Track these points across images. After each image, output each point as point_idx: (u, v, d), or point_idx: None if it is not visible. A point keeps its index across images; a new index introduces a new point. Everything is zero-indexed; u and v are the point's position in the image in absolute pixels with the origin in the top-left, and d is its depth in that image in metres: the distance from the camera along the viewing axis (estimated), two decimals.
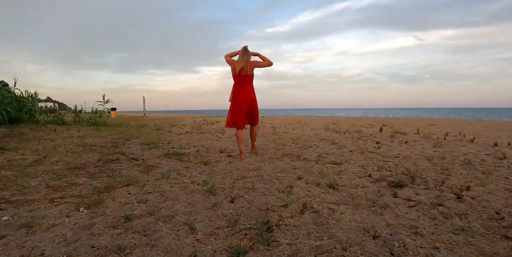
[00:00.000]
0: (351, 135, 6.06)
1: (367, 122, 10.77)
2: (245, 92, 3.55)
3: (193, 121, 13.06)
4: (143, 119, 15.71)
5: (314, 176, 2.56)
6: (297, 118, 14.91)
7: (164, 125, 10.20)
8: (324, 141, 5.12)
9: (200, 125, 9.76)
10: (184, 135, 6.45)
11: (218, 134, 6.76)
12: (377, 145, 4.37)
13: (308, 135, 6.12)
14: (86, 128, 7.28)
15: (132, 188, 2.33)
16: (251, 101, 3.59)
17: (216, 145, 4.78)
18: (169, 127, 8.98)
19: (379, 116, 20.62)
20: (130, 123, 11.13)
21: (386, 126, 8.45)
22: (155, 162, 3.40)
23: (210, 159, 3.55)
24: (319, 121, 11.67)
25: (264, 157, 3.63)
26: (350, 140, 5.19)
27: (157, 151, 4.14)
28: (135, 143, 4.92)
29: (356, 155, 3.61)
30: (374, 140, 5.18)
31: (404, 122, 10.81)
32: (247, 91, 3.56)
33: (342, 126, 8.62)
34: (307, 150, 4.00)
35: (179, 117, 18.92)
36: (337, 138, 5.60)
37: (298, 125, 9.24)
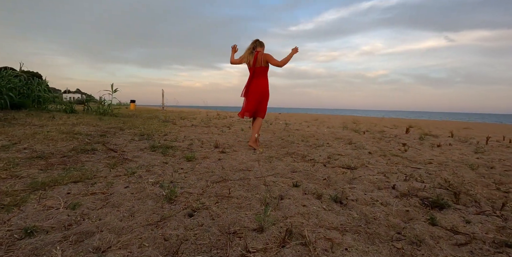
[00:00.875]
0: (372, 135, 5.31)
1: (391, 123, 9.83)
2: (257, 83, 3.48)
3: (206, 115, 12.64)
4: (158, 112, 15.53)
5: (317, 184, 1.92)
6: (314, 116, 14.08)
7: (174, 118, 9.82)
8: (339, 140, 4.42)
9: (210, 119, 9.28)
10: (187, 128, 5.95)
11: (224, 128, 6.21)
12: (403, 147, 3.63)
13: (322, 133, 5.43)
14: (89, 117, 6.98)
15: (78, 186, 1.81)
16: (262, 93, 3.49)
17: (215, 139, 4.23)
18: (177, 120, 8.57)
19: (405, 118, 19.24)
20: (142, 115, 10.87)
21: (413, 128, 7.55)
22: (134, 154, 2.90)
23: (199, 154, 3.00)
24: (338, 120, 10.84)
25: (262, 155, 3.02)
26: (371, 140, 4.46)
27: (145, 143, 3.65)
28: (128, 133, 4.46)
29: (377, 158, 2.91)
30: (399, 141, 4.42)
31: (433, 124, 9.75)
32: (259, 83, 3.48)
33: (363, 126, 7.80)
34: (317, 150, 3.34)
35: (195, 112, 18.64)
36: (355, 137, 4.87)
37: (314, 123, 8.52)
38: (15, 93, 6.59)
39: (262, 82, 3.49)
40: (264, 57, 3.41)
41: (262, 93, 3.50)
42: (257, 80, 3.49)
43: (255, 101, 3.50)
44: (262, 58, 3.40)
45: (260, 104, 3.55)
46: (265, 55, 3.41)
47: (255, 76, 3.49)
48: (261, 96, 3.50)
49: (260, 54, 3.43)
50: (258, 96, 3.49)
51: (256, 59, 3.41)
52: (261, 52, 3.45)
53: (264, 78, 3.51)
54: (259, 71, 3.46)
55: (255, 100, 3.50)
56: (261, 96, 3.50)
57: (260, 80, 3.49)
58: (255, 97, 3.49)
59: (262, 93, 3.50)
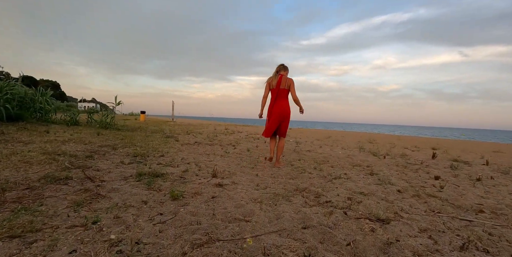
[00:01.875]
0: (394, 160, 4.69)
1: (410, 143, 9.12)
2: (280, 104, 3.61)
3: (214, 129, 12.21)
4: (166, 125, 15.25)
5: (339, 254, 1.36)
6: (326, 133, 13.42)
7: (180, 132, 9.43)
8: (357, 167, 3.83)
9: (216, 135, 8.83)
10: (189, 146, 5.49)
11: (229, 147, 5.71)
12: (438, 182, 3.02)
13: (337, 157, 4.85)
14: (88, 131, 6.62)
15: (10, 245, 1.33)
16: (284, 115, 3.61)
17: (215, 164, 3.72)
18: (182, 135, 8.15)
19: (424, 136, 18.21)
20: (147, 128, 10.54)
21: (436, 150, 6.85)
22: (112, 186, 2.42)
23: (190, 187, 2.49)
24: (352, 138, 10.19)
25: (267, 190, 2.48)
26: (394, 169, 3.85)
27: (134, 168, 3.19)
28: (120, 154, 4.02)
29: (410, 200, 2.32)
30: (428, 170, 3.80)
31: (457, 146, 8.98)
32: (282, 104, 3.61)
33: (381, 147, 7.16)
34: (333, 184, 2.78)
35: (204, 124, 18.31)
36: (375, 163, 4.27)
37: (327, 142, 7.92)
38: (13, 105, 6.31)
39: (284, 103, 3.62)
40: (288, 82, 3.57)
41: (285, 113, 3.62)
42: (280, 101, 3.61)
43: (278, 121, 3.62)
44: (286, 82, 3.56)
45: (282, 125, 3.67)
46: (289, 80, 3.58)
47: (278, 97, 3.62)
48: (284, 116, 3.62)
49: (284, 77, 3.58)
50: (281, 117, 3.61)
51: (280, 82, 3.56)
52: (285, 76, 3.60)
53: (286, 100, 3.64)
54: (282, 93, 3.60)
55: (278, 121, 3.62)
56: (283, 117, 3.62)
57: (283, 101, 3.62)
58: (278, 118, 3.61)
59: (285, 114, 3.62)
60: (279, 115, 3.60)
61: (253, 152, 5.02)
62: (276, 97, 3.63)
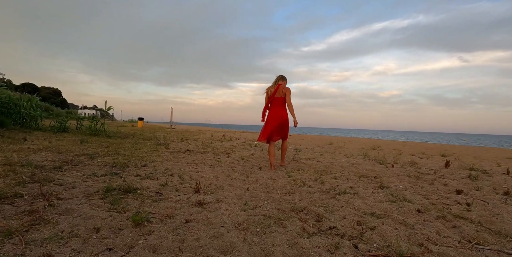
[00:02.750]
0: (403, 170, 4.22)
1: (417, 150, 8.62)
2: (275, 112, 3.79)
3: (211, 136, 11.77)
4: (162, 131, 14.83)
5: None
6: (328, 139, 12.90)
7: (174, 139, 8.99)
8: (364, 179, 3.36)
9: (212, 142, 8.37)
10: (178, 154, 5.04)
11: (222, 155, 5.26)
12: (461, 198, 2.56)
13: (341, 166, 4.38)
14: (73, 138, 6.19)
15: None
16: (282, 121, 3.79)
17: (202, 176, 3.27)
18: (175, 142, 7.71)
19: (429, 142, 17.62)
20: (141, 135, 10.11)
21: (447, 157, 6.37)
22: (68, 206, 1.97)
23: (164, 206, 2.04)
24: (355, 145, 9.70)
25: (257, 210, 2.02)
26: (406, 180, 3.39)
27: (106, 181, 2.75)
28: (96, 164, 3.57)
29: (435, 224, 1.84)
30: (445, 182, 3.32)
31: (467, 152, 8.48)
32: (277, 111, 3.79)
33: (387, 154, 6.68)
34: (338, 201, 2.31)
35: (202, 131, 17.87)
36: (383, 173, 3.81)
37: (329, 149, 7.45)
38: None
39: (280, 111, 3.79)
40: (284, 90, 3.78)
41: (281, 120, 3.79)
42: (276, 108, 3.81)
43: (273, 128, 3.77)
44: (283, 90, 3.78)
45: (282, 130, 3.87)
46: (285, 88, 3.79)
47: (274, 105, 3.83)
48: (281, 123, 3.79)
49: (281, 86, 3.80)
50: (277, 124, 3.77)
51: (276, 90, 3.78)
52: (282, 85, 3.81)
53: (282, 107, 3.81)
54: (277, 100, 3.80)
55: (274, 127, 3.77)
56: (280, 123, 3.79)
57: (278, 109, 3.79)
58: (274, 124, 3.78)
59: (281, 121, 3.79)
60: (275, 121, 3.77)
61: (248, 161, 4.56)
62: (273, 105, 3.84)
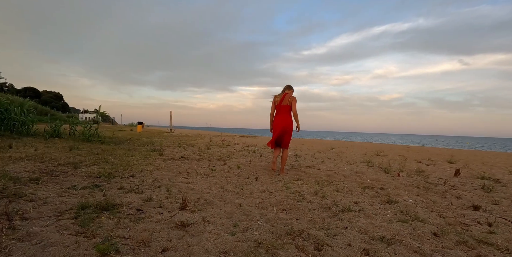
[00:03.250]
0: (410, 179, 3.93)
1: (422, 155, 8.32)
2: (282, 119, 3.95)
3: (209, 141, 11.51)
4: (160, 136, 14.59)
5: None
6: (329, 144, 12.60)
7: (171, 144, 8.73)
8: (369, 191, 3.08)
9: (209, 147, 8.11)
10: (171, 162, 4.77)
11: (218, 163, 4.99)
12: (480, 215, 2.28)
13: (343, 175, 4.10)
14: (63, 144, 5.93)
15: None
16: (286, 128, 3.93)
17: (192, 188, 3.00)
18: (172, 148, 7.45)
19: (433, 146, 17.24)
20: (138, 140, 9.87)
21: (454, 164, 6.08)
22: (30, 229, 1.72)
23: (140, 230, 1.77)
24: (358, 150, 9.41)
25: (248, 234, 1.75)
26: (415, 192, 3.10)
27: (84, 195, 2.48)
28: (79, 174, 3.31)
29: (456, 252, 1.56)
30: (458, 194, 3.04)
31: (474, 157, 8.16)
32: (283, 118, 3.95)
33: (391, 160, 6.39)
34: (341, 221, 2.03)
35: (201, 135, 17.62)
36: (389, 184, 3.53)
37: (330, 155, 7.17)
38: None
39: (286, 118, 3.94)
40: (290, 99, 3.95)
41: (287, 126, 3.93)
42: (282, 116, 3.97)
43: (280, 134, 3.94)
44: (289, 99, 3.95)
45: (284, 137, 3.98)
46: (291, 97, 3.96)
47: (281, 112, 3.98)
48: (286, 130, 3.93)
49: (287, 95, 3.97)
50: (283, 130, 3.93)
51: (283, 98, 3.96)
52: (288, 94, 3.99)
53: (288, 114, 3.97)
54: (284, 108, 3.96)
55: (280, 133, 3.94)
56: (285, 129, 3.93)
57: (285, 116, 3.95)
58: (277, 131, 3.94)
59: (287, 127, 3.93)
60: (281, 127, 3.91)
61: (244, 170, 4.28)
62: (279, 112, 4.00)
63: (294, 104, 3.91)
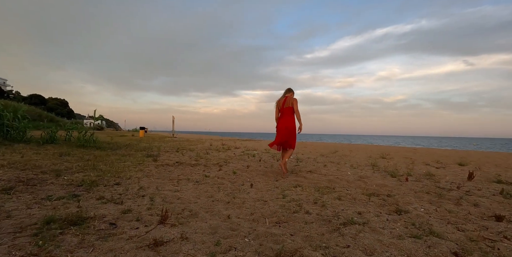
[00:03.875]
0: (420, 184, 3.62)
1: (430, 157, 7.96)
2: (284, 121, 4.06)
3: (209, 145, 11.25)
4: (161, 141, 14.39)
5: None
6: (333, 147, 12.24)
7: (169, 149, 8.49)
8: (375, 199, 2.78)
9: (208, 152, 7.85)
10: (164, 168, 4.51)
11: (214, 168, 4.71)
12: (505, 227, 1.97)
13: (346, 180, 3.80)
14: (55, 150, 5.71)
15: None
16: (289, 129, 4.01)
17: (179, 197, 2.73)
18: (169, 153, 7.21)
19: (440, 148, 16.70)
20: (137, 145, 9.65)
21: (467, 166, 5.73)
22: None
23: (105, 250, 1.50)
24: (362, 153, 9.07)
25: (230, 256, 1.47)
26: (426, 199, 2.80)
27: (57, 207, 2.23)
28: (60, 183, 3.06)
29: None
30: (475, 201, 2.73)
31: (486, 159, 7.77)
32: (285, 121, 4.05)
33: (398, 163, 6.06)
34: (342, 238, 1.73)
35: (202, 139, 17.39)
36: (397, 190, 3.22)
37: (333, 159, 6.85)
38: None
39: (288, 120, 4.04)
40: (291, 100, 4.03)
41: (289, 128, 4.02)
42: (285, 118, 4.06)
43: (283, 136, 4.05)
44: (290, 101, 4.04)
45: (288, 139, 4.06)
46: (293, 99, 4.05)
47: (284, 115, 4.08)
48: (288, 132, 4.02)
49: (288, 98, 4.08)
50: (286, 132, 4.03)
51: (285, 101, 4.07)
52: (289, 97, 4.10)
53: (290, 116, 4.06)
54: (286, 111, 4.06)
55: (283, 135, 4.05)
56: (288, 132, 4.02)
57: (287, 118, 4.05)
58: (282, 133, 4.05)
59: (289, 128, 4.02)
60: (284, 129, 4.02)
61: (240, 176, 4.00)
62: (282, 115, 4.11)
63: (295, 105, 4.01)
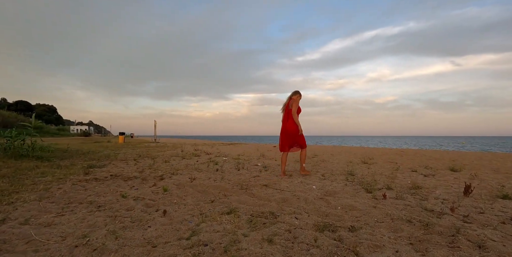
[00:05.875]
0: (402, 204, 2.69)
1: (418, 161, 7.07)
2: (285, 124, 4.21)
3: (181, 151, 10.22)
4: (136, 147, 13.32)
5: None
6: (314, 151, 11.28)
7: (129, 157, 7.49)
8: (327, 238, 1.84)
9: (169, 160, 6.84)
10: (88, 183, 3.53)
11: (149, 182, 3.73)
12: None
13: (305, 200, 2.85)
14: None
15: None
16: (288, 131, 4.15)
17: (30, 240, 1.75)
18: (122, 162, 6.21)
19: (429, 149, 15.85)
20: (95, 153, 8.60)
21: (460, 173, 4.86)
22: None
23: None
24: (344, 157, 8.15)
25: None
26: (405, 234, 1.87)
27: None
28: None
29: None
30: (477, 237, 1.81)
31: (480, 162, 6.90)
32: (286, 124, 4.19)
33: (380, 170, 5.15)
34: None
35: (179, 145, 16.30)
36: (367, 217, 2.29)
37: (307, 165, 5.92)
38: None
39: (289, 123, 4.15)
40: (291, 101, 4.15)
41: (289, 131, 4.16)
42: (287, 121, 4.19)
43: (287, 139, 4.21)
44: (291, 102, 4.16)
45: (293, 140, 4.21)
46: (292, 100, 4.15)
47: (286, 117, 4.22)
48: (287, 134, 4.17)
49: (292, 100, 4.16)
50: (284, 135, 4.22)
51: (288, 103, 4.21)
52: (294, 99, 4.16)
53: (292, 119, 4.13)
54: (287, 113, 4.19)
55: (287, 139, 4.21)
56: (287, 134, 4.18)
57: (289, 121, 4.17)
58: (282, 135, 4.25)
59: (289, 131, 4.16)
60: (286, 133, 4.14)
61: (169, 194, 3.03)
62: (285, 117, 4.19)
63: (293, 105, 4.06)
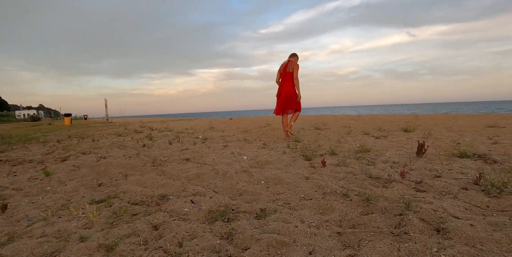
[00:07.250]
0: (342, 173, 2.11)
1: (372, 124, 6.75)
2: (284, 86, 4.07)
3: (124, 129, 9.07)
4: (76, 128, 11.81)
5: None
6: (268, 121, 10.64)
7: (60, 138, 6.31)
8: (216, 232, 1.15)
9: (99, 139, 5.80)
10: None
11: (39, 167, 2.80)
12: None
13: (223, 174, 2.16)
14: None
15: None
16: (288, 94, 4.03)
17: None
18: (33, 145, 5.08)
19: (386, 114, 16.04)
20: (28, 136, 7.27)
21: (414, 133, 4.49)
22: None
23: None
24: (298, 125, 7.66)
25: None
26: (334, 222, 1.25)
27: None
28: None
29: None
30: (432, 210, 1.23)
31: (435, 122, 6.68)
32: (286, 86, 4.06)
33: (330, 135, 4.65)
34: None
35: (128, 123, 14.86)
36: (292, 193, 1.65)
37: (252, 135, 5.26)
38: None
39: (288, 86, 4.04)
40: (292, 66, 4.03)
41: (289, 93, 4.02)
42: (286, 83, 4.06)
43: (283, 101, 4.08)
44: (292, 65, 4.02)
45: (291, 103, 4.08)
46: (295, 64, 4.04)
47: (283, 80, 4.11)
48: (287, 96, 4.03)
49: (290, 62, 4.07)
50: (284, 97, 4.05)
51: (287, 65, 4.08)
52: (291, 61, 4.09)
53: (290, 82, 4.05)
54: (287, 75, 4.05)
55: (283, 100, 4.08)
56: (287, 97, 4.04)
57: (287, 84, 4.05)
58: (282, 98, 4.08)
59: (287, 94, 4.03)
60: (284, 95, 4.05)
61: (53, 178, 2.17)
62: (283, 79, 4.11)
63: (296, 70, 3.99)
